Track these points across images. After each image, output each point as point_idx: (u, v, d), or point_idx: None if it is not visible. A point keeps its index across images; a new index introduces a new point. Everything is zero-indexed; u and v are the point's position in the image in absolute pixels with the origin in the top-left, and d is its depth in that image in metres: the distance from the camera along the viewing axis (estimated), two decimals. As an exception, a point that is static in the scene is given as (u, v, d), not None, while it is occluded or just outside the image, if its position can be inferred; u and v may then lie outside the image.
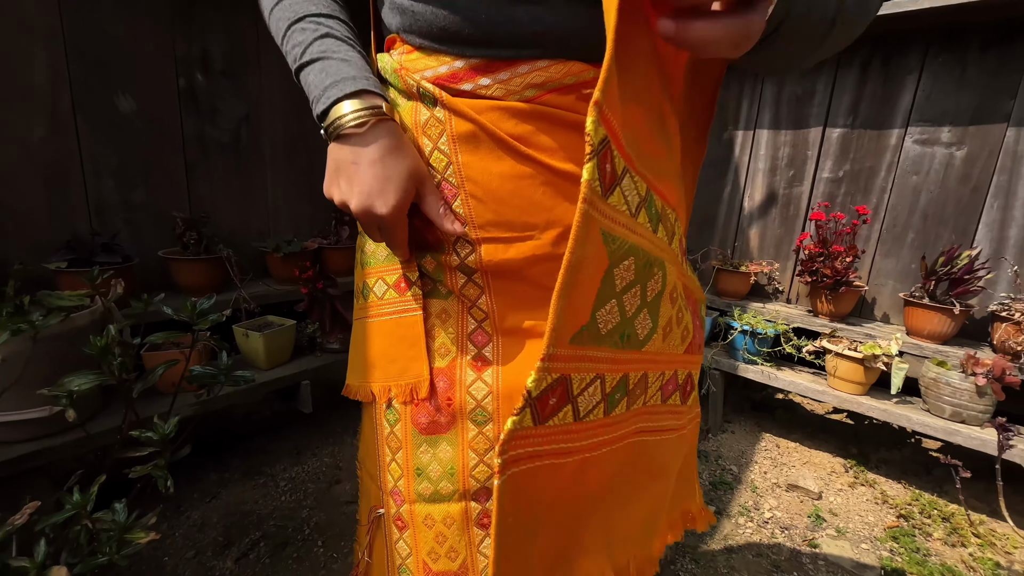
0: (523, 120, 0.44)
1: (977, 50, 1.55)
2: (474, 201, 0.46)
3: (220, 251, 1.52)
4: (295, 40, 0.47)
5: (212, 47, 1.55)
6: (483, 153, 0.45)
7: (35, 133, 1.28)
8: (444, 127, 0.46)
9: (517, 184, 0.45)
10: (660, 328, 0.47)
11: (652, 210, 0.43)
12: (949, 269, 1.52)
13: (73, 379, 0.80)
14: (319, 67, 0.45)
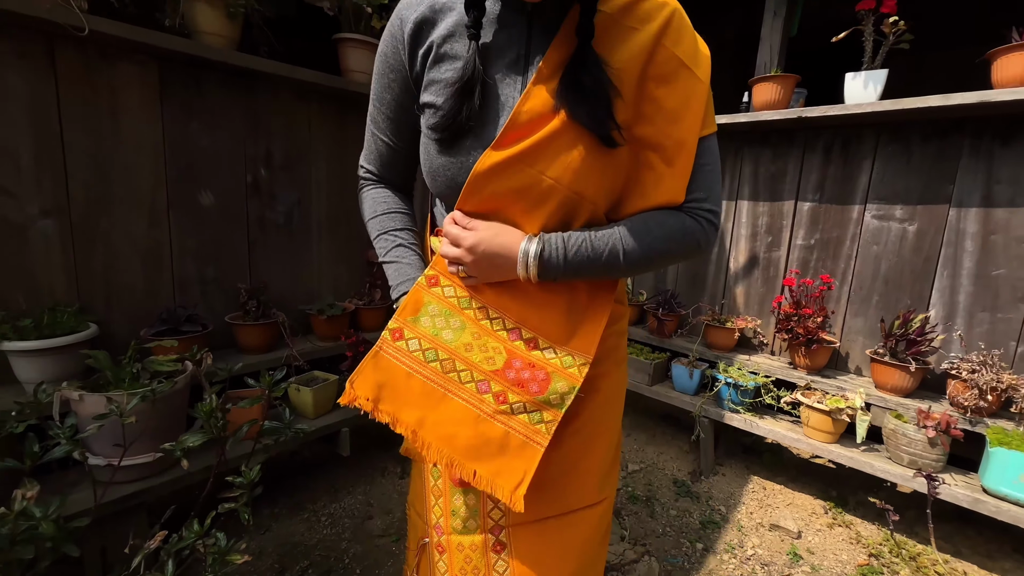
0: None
1: (919, 141, 1.81)
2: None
3: (274, 315, 1.81)
4: (380, 245, 0.76)
5: (274, 148, 1.88)
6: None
7: (139, 226, 1.60)
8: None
9: None
10: (461, 342, 0.69)
11: (467, 302, 0.70)
12: (905, 331, 1.74)
13: (189, 437, 1.06)
14: (393, 268, 0.74)
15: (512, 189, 0.63)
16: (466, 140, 0.65)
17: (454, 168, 0.66)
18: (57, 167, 1.43)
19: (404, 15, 0.67)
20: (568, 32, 0.62)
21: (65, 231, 1.47)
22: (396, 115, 0.73)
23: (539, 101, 0.61)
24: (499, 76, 0.65)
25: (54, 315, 1.41)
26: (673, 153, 0.64)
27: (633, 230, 0.65)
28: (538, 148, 0.61)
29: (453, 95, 0.63)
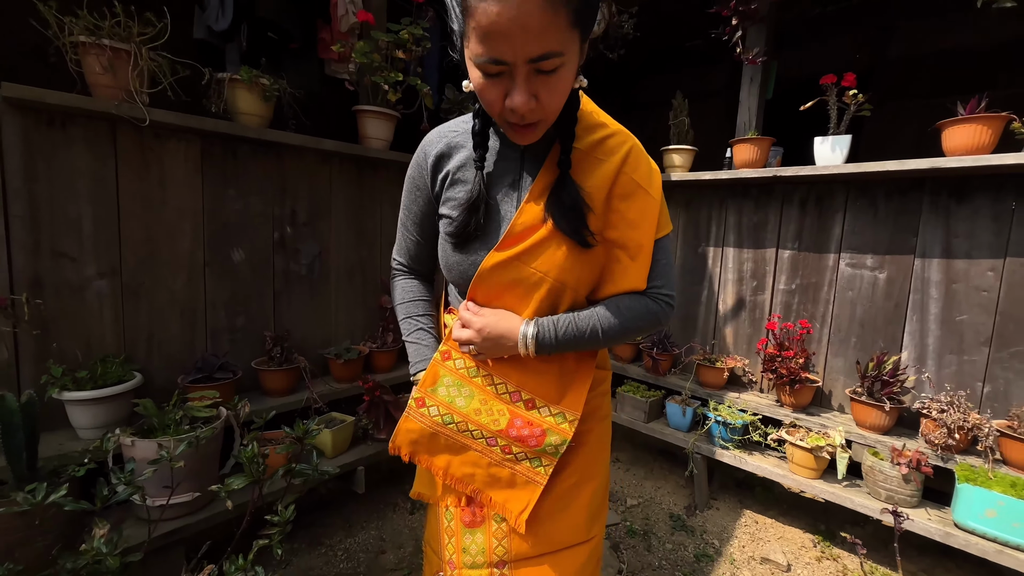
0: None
1: (884, 198, 1.99)
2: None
3: (296, 360, 1.97)
4: (405, 327, 0.94)
5: (298, 207, 2.08)
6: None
7: (178, 282, 1.78)
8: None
9: None
10: (471, 408, 0.84)
11: (475, 371, 0.85)
12: (879, 372, 1.87)
13: (234, 480, 1.20)
14: (414, 348, 0.92)
15: (511, 280, 0.80)
16: (474, 243, 0.82)
17: (464, 264, 0.83)
18: (112, 234, 1.62)
19: (428, 150, 0.87)
20: (552, 162, 0.80)
21: (116, 290, 1.65)
22: (421, 221, 0.92)
23: (530, 216, 0.79)
24: (499, 196, 0.83)
25: (104, 365, 1.58)
26: (635, 251, 0.81)
27: (609, 311, 0.81)
28: (530, 250, 0.78)
29: (464, 211, 0.80)
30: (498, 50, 0.60)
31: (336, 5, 2.13)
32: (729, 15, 2.05)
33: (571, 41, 0.62)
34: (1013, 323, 1.74)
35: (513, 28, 0.57)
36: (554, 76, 0.64)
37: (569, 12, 0.59)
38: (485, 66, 0.63)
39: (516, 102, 0.64)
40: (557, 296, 0.81)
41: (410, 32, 1.99)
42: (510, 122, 0.69)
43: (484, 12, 0.57)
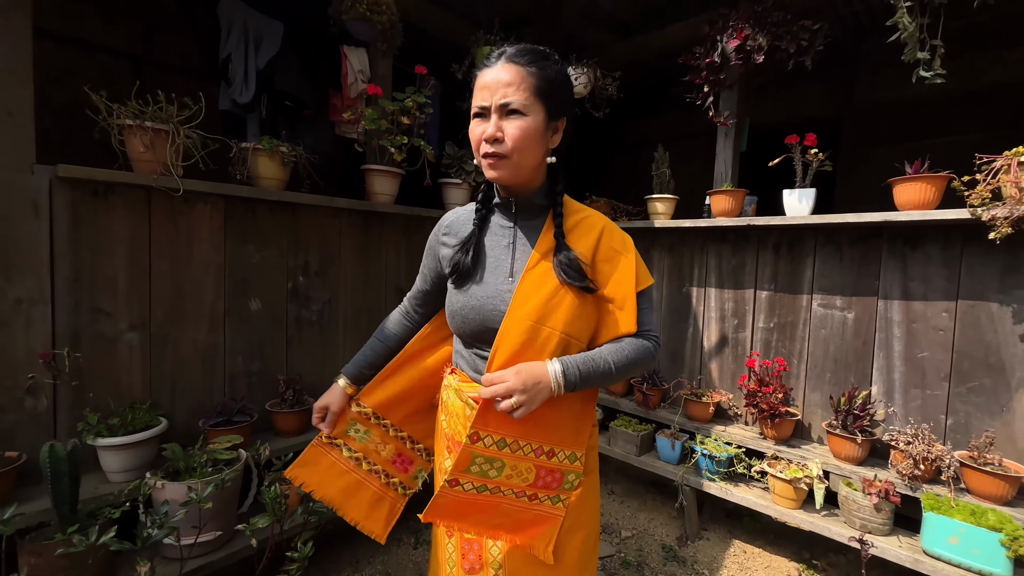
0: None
1: (848, 244, 2.18)
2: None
3: (307, 402, 2.10)
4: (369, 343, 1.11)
5: (310, 258, 2.25)
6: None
7: (201, 332, 1.93)
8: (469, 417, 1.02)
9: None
10: (504, 475, 0.95)
11: (503, 442, 0.95)
12: (850, 407, 2.02)
13: (259, 519, 1.33)
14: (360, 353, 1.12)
15: (524, 341, 0.93)
16: (470, 283, 1.01)
17: (466, 308, 0.99)
18: (144, 289, 1.78)
19: (441, 224, 1.12)
20: (548, 234, 1.00)
21: (145, 341, 1.79)
22: (429, 274, 1.14)
23: (536, 275, 0.96)
24: (496, 252, 1.02)
25: (133, 412, 1.71)
26: (622, 302, 0.99)
27: (615, 350, 0.97)
28: (541, 307, 0.93)
29: (459, 249, 1.03)
30: (481, 97, 0.91)
31: (346, 75, 2.36)
32: (701, 83, 2.28)
33: (534, 107, 0.90)
34: (968, 360, 1.90)
35: (492, 83, 0.90)
36: (516, 122, 0.89)
37: (533, 83, 0.90)
38: (476, 111, 0.93)
39: (488, 131, 0.90)
40: (565, 349, 0.95)
41: (414, 100, 2.20)
42: (485, 154, 0.93)
43: (481, 76, 0.93)
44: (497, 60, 0.91)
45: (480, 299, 0.98)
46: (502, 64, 0.90)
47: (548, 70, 0.92)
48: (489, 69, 0.91)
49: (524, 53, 0.91)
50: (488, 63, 0.93)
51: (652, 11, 2.92)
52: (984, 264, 1.85)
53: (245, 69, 2.04)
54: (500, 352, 0.93)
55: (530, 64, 0.90)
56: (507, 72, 0.89)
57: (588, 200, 2.86)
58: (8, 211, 1.51)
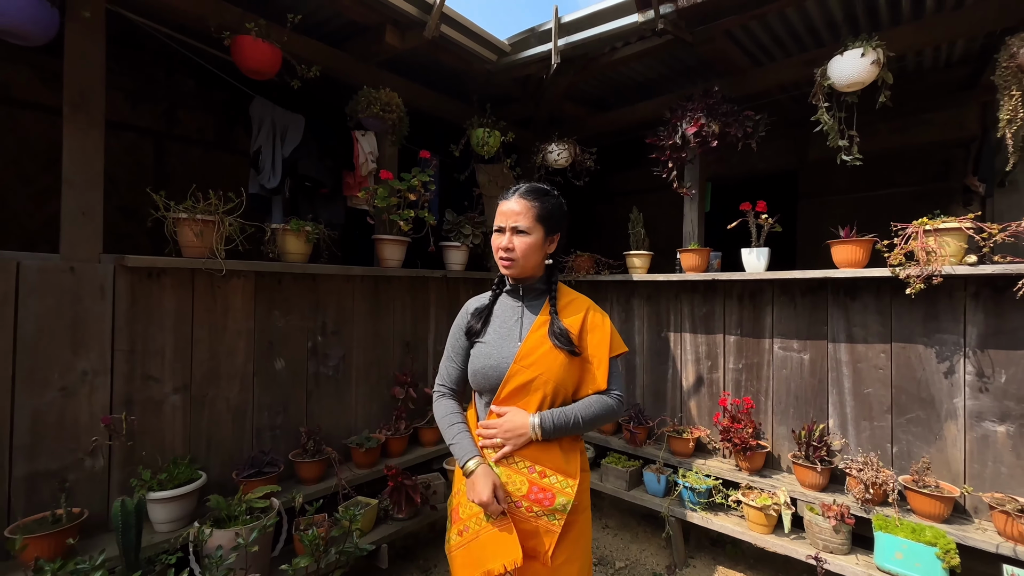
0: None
1: (799, 295, 2.51)
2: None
3: (326, 452, 2.31)
4: (450, 431, 1.32)
5: (327, 319, 2.52)
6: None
7: (232, 391, 2.17)
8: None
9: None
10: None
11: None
12: (809, 439, 2.29)
13: (301, 559, 1.54)
14: (460, 442, 1.30)
15: (526, 381, 1.25)
16: (489, 347, 1.31)
17: (486, 367, 1.29)
18: (186, 357, 2.03)
19: (468, 308, 1.41)
20: (545, 313, 1.33)
21: (186, 402, 2.02)
22: (461, 353, 1.39)
23: (536, 337, 1.28)
24: (507, 324, 1.34)
25: (176, 467, 1.92)
26: (599, 364, 1.31)
27: (584, 406, 1.28)
28: (538, 361, 1.25)
29: (477, 317, 1.35)
30: (501, 220, 1.30)
31: (358, 156, 2.69)
32: (666, 159, 2.65)
33: (535, 228, 1.28)
34: (904, 395, 2.20)
35: (508, 212, 1.28)
36: (523, 238, 1.27)
37: (535, 213, 1.27)
38: (496, 228, 1.31)
39: (501, 242, 1.29)
40: (555, 395, 1.27)
41: (419, 179, 2.54)
42: (500, 257, 1.30)
43: (501, 204, 1.31)
44: (513, 195, 1.30)
45: (497, 359, 1.29)
46: (515, 198, 1.29)
47: (547, 203, 1.30)
48: (507, 201, 1.30)
49: (531, 192, 1.30)
50: (507, 196, 1.32)
51: (623, 91, 3.34)
52: (909, 312, 2.18)
53: (273, 159, 2.36)
54: (507, 387, 1.27)
55: (534, 200, 1.29)
56: (518, 205, 1.28)
57: (574, 255, 3.19)
58: (81, 295, 1.77)
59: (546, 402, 1.26)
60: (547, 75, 2.73)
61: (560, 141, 3.06)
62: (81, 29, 1.79)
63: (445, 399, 1.40)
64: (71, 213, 1.77)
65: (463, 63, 2.76)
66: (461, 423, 1.35)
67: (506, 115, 3.35)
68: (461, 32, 2.52)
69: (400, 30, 2.46)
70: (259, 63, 2.00)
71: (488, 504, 1.18)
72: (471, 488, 1.21)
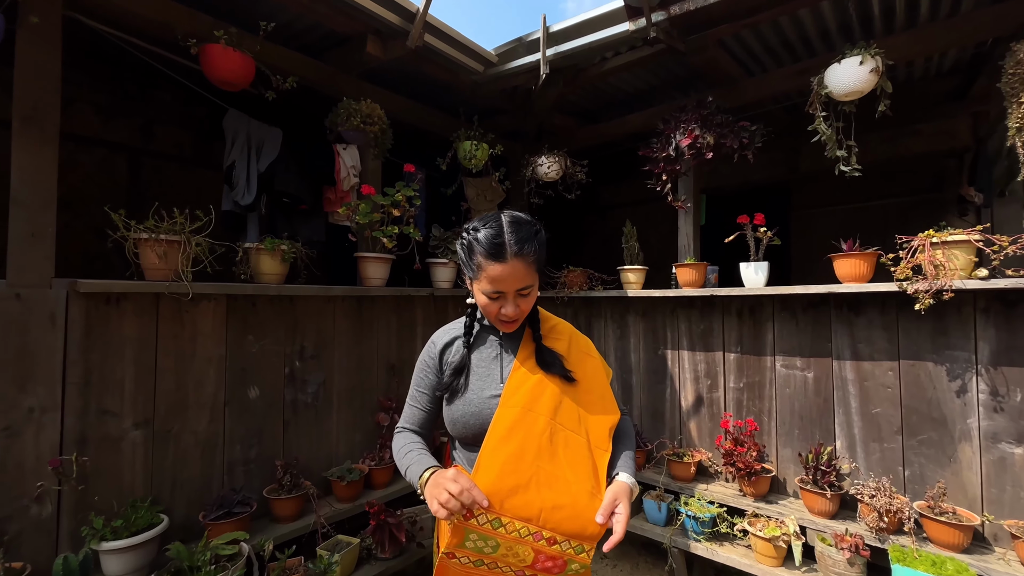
0: None
1: (801, 310, 2.41)
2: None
3: (303, 486, 2.15)
4: (403, 457, 1.16)
5: (306, 343, 2.37)
6: None
7: (201, 424, 2.00)
8: None
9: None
10: (500, 554, 1.04)
11: (498, 522, 1.04)
12: (817, 463, 2.18)
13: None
14: (415, 460, 1.12)
15: (512, 423, 1.09)
16: (467, 393, 1.15)
17: (464, 414, 1.14)
18: (149, 388, 1.87)
19: (437, 342, 1.24)
20: (528, 341, 1.20)
21: (148, 438, 1.86)
22: (427, 392, 1.24)
23: (522, 372, 1.15)
24: (486, 364, 1.19)
25: (135, 511, 1.75)
26: (602, 393, 1.20)
27: (625, 438, 1.21)
28: (528, 396, 1.11)
29: (452, 373, 1.18)
30: (499, 287, 1.06)
31: (339, 170, 2.57)
32: (660, 172, 2.56)
33: (536, 277, 1.10)
34: (915, 415, 2.10)
35: (508, 278, 1.05)
36: (527, 294, 1.10)
37: (535, 267, 1.08)
38: (491, 294, 1.08)
39: (508, 312, 1.09)
40: (552, 433, 1.09)
41: (403, 194, 2.42)
42: (502, 320, 1.12)
43: (494, 270, 1.05)
44: (503, 257, 1.04)
45: (478, 405, 1.14)
46: (511, 261, 1.04)
47: (540, 248, 1.09)
48: (500, 265, 1.04)
49: (524, 244, 1.05)
50: (491, 254, 1.04)
51: (613, 103, 3.27)
52: (917, 328, 2.09)
53: (248, 174, 2.23)
54: (493, 434, 1.08)
55: (532, 254, 1.06)
56: (520, 269, 1.05)
57: (566, 270, 3.08)
58: (28, 324, 1.61)
59: (543, 443, 1.09)
60: (536, 86, 2.65)
61: (550, 154, 2.97)
62: (33, 37, 1.66)
63: (404, 434, 1.25)
64: (19, 235, 1.62)
65: (449, 74, 2.67)
66: (420, 448, 1.18)
67: (494, 128, 3.26)
68: (446, 42, 2.43)
69: (382, 40, 2.36)
70: (230, 73, 1.89)
71: (461, 492, 0.96)
72: (435, 489, 0.98)
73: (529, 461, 1.07)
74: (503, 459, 1.06)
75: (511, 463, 1.06)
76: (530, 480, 1.05)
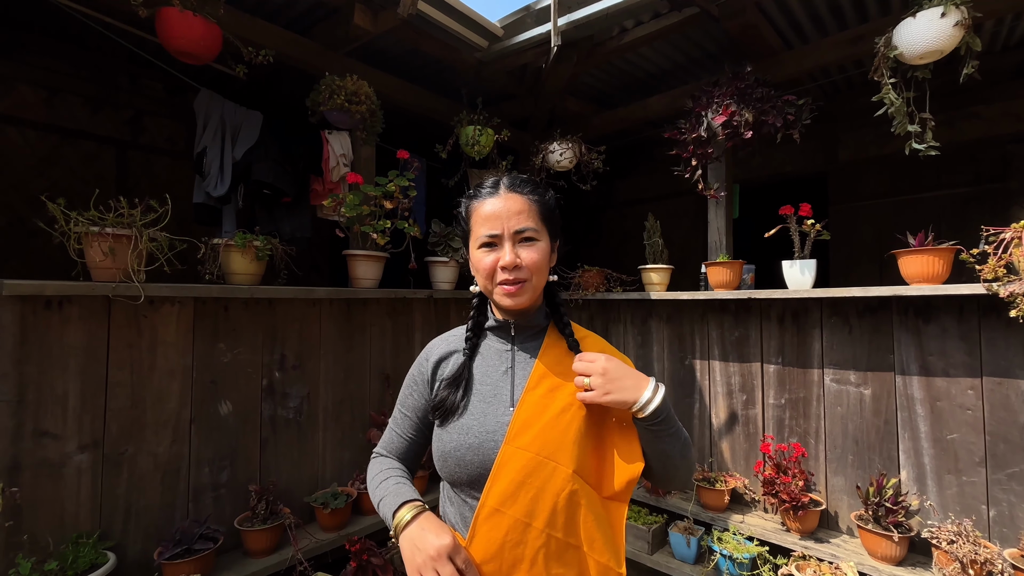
0: None
1: (855, 316, 2.07)
2: None
3: (281, 514, 1.88)
4: (380, 485, 0.89)
5: (287, 351, 2.11)
6: None
7: (163, 445, 1.75)
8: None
9: None
10: None
11: None
12: (880, 498, 1.83)
13: None
14: (392, 491, 0.86)
15: (527, 473, 0.82)
16: (465, 418, 0.87)
17: (460, 446, 0.85)
18: (99, 405, 1.62)
19: (430, 354, 0.98)
20: (546, 351, 0.92)
21: (97, 462, 1.61)
22: (412, 415, 0.96)
23: (537, 396, 0.87)
24: (492, 380, 0.91)
25: (77, 549, 1.50)
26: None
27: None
28: (543, 434, 0.84)
29: (447, 386, 0.90)
30: (492, 226, 0.86)
31: (327, 159, 2.31)
32: (689, 156, 2.24)
33: (541, 230, 0.88)
34: (1003, 443, 1.74)
35: (502, 212, 0.86)
36: (531, 245, 0.87)
37: (538, 211, 0.88)
38: (484, 240, 0.86)
39: (506, 259, 0.84)
40: (570, 496, 0.82)
41: (397, 184, 2.15)
42: (503, 281, 0.86)
43: (484, 206, 0.88)
44: (496, 190, 0.89)
45: (479, 436, 0.85)
46: (505, 194, 0.88)
47: (546, 198, 0.92)
48: (490, 199, 0.88)
49: (523, 183, 0.90)
50: (484, 194, 0.90)
51: (633, 84, 2.96)
52: (1006, 338, 1.74)
53: (221, 162, 1.98)
54: (495, 490, 0.81)
55: (531, 193, 0.90)
56: (514, 201, 0.87)
57: (581, 270, 2.77)
58: (-56, 334, 1.38)
59: (560, 506, 0.81)
60: (546, 63, 2.36)
61: (563, 140, 2.67)
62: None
63: (382, 459, 0.98)
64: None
65: (448, 51, 2.39)
66: (399, 476, 0.92)
67: (501, 114, 2.97)
68: (443, 11, 2.15)
69: (371, 10, 2.09)
70: (191, 43, 1.64)
71: (446, 551, 0.75)
72: (417, 554, 0.76)
73: (539, 529, 0.81)
74: (507, 527, 0.81)
75: (516, 532, 0.81)
76: (537, 553, 0.81)
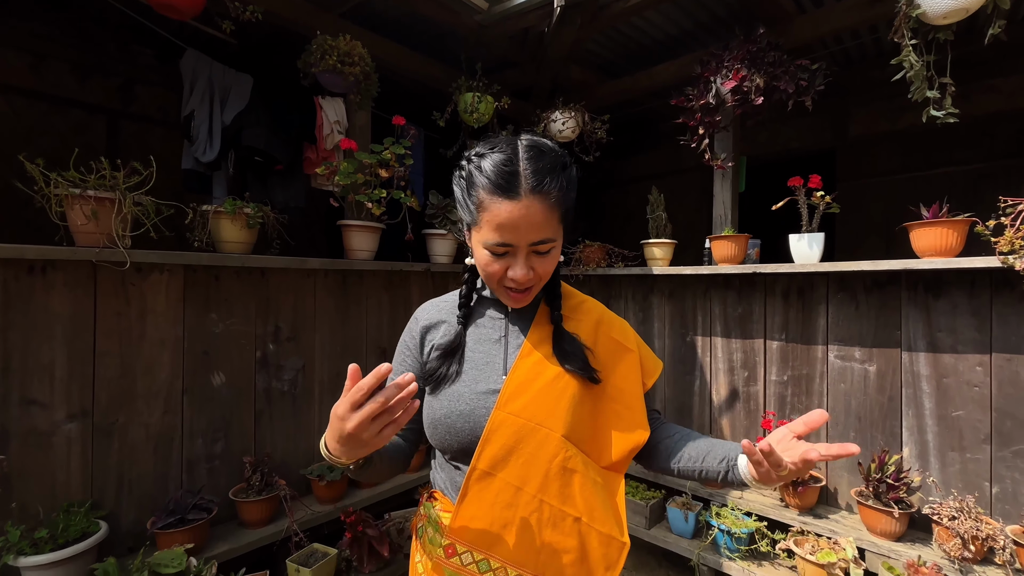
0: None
1: (863, 291, 2.02)
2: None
3: (277, 485, 1.87)
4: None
5: (282, 322, 2.07)
6: None
7: (154, 415, 1.72)
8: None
9: None
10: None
11: (492, 566, 0.78)
12: (882, 475, 1.81)
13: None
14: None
15: (517, 440, 0.81)
16: (456, 385, 0.84)
17: (450, 414, 0.82)
18: (87, 374, 1.58)
19: (420, 317, 0.95)
20: (542, 320, 0.89)
21: (87, 432, 1.58)
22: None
23: (530, 364, 0.84)
24: (485, 347, 0.88)
25: (68, 518, 1.48)
26: (631, 402, 0.89)
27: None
28: (535, 401, 0.81)
29: (440, 356, 0.87)
30: (507, 237, 0.75)
31: (321, 126, 2.23)
32: (696, 125, 2.16)
33: (559, 230, 0.79)
34: (1010, 420, 1.71)
35: (521, 223, 0.73)
36: (547, 254, 0.79)
37: (559, 212, 0.77)
38: (494, 248, 0.76)
39: (518, 274, 0.77)
40: (563, 462, 0.80)
41: (392, 151, 2.07)
42: (508, 288, 0.81)
43: (500, 210, 0.73)
44: (515, 191, 0.72)
45: (470, 403, 0.82)
46: (527, 200, 0.72)
47: (568, 186, 0.78)
48: (507, 203, 0.72)
49: (548, 178, 0.74)
50: (499, 188, 0.73)
51: (639, 52, 2.85)
52: (1018, 314, 1.69)
53: (210, 126, 1.91)
54: (487, 448, 0.79)
55: (556, 189, 0.74)
56: (536, 211, 0.73)
57: (582, 244, 2.71)
58: (-78, 298, 1.33)
59: (553, 471, 0.79)
60: (549, 26, 2.25)
61: (565, 109, 2.58)
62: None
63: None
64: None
65: (447, 13, 2.28)
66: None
67: (503, 83, 2.87)
68: (441, -32, 2.04)
69: (366, -34, 1.99)
70: (173, -5, 1.55)
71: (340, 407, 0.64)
72: (329, 433, 0.68)
73: (531, 494, 0.79)
74: (497, 489, 0.79)
75: (507, 494, 0.79)
76: (530, 517, 0.79)
